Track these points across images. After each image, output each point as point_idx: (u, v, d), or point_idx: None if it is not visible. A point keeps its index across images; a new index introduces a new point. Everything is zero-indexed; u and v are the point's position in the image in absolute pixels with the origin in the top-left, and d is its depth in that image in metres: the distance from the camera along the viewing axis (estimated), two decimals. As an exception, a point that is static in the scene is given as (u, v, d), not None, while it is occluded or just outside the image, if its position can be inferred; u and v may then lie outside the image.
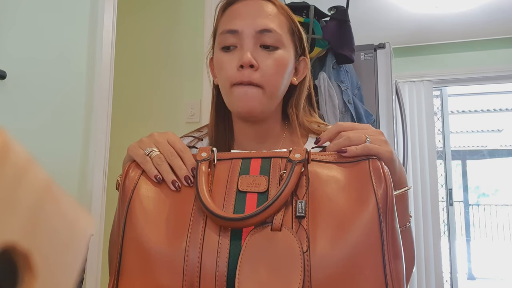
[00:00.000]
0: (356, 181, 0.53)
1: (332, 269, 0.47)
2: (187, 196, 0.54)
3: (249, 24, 0.72)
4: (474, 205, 7.11)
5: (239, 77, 0.71)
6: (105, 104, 1.50)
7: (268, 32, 0.72)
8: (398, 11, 3.07)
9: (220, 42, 0.75)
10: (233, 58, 0.72)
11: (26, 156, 0.20)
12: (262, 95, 0.72)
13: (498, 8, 3.02)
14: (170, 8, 2.15)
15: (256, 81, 0.71)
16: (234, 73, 0.71)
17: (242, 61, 0.70)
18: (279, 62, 0.73)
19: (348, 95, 2.01)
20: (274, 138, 0.79)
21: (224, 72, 0.73)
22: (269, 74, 0.72)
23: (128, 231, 0.53)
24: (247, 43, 0.72)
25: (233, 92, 0.72)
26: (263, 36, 0.72)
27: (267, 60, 0.72)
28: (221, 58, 0.74)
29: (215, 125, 0.81)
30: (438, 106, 3.88)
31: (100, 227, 1.46)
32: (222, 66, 0.73)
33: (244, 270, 0.46)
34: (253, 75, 0.71)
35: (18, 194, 0.19)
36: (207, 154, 0.57)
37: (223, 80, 0.74)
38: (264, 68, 0.71)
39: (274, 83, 0.73)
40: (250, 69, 0.71)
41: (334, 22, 2.00)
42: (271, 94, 0.73)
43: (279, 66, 0.73)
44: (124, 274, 0.51)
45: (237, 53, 0.72)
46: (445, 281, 3.61)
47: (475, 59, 3.55)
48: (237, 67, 0.71)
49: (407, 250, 0.65)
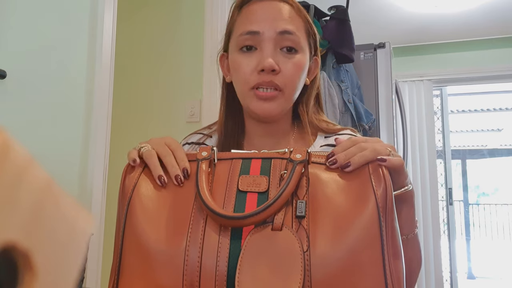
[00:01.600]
0: (356, 182, 0.53)
1: (332, 268, 0.47)
2: (187, 196, 0.54)
3: (270, 25, 0.72)
4: (474, 205, 7.12)
5: (259, 79, 0.71)
6: (105, 104, 1.50)
7: (289, 34, 0.73)
8: (398, 10, 3.07)
9: (238, 43, 0.74)
10: (252, 60, 0.72)
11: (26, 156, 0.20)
12: (281, 98, 0.72)
13: (498, 8, 3.02)
14: (170, 8, 2.14)
15: (279, 85, 0.71)
16: (253, 75, 0.71)
17: (263, 66, 0.70)
18: (298, 66, 0.73)
19: (348, 94, 2.01)
20: (284, 135, 0.80)
21: (243, 74, 0.73)
22: (289, 78, 0.72)
23: (128, 231, 0.53)
24: (267, 46, 0.72)
25: (252, 95, 0.72)
26: (283, 38, 0.72)
27: (287, 64, 0.72)
28: (239, 59, 0.74)
29: (225, 122, 0.81)
30: (438, 106, 3.88)
31: (100, 226, 1.46)
32: (240, 68, 0.73)
33: (244, 269, 0.46)
34: (274, 78, 0.71)
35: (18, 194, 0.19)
36: (207, 154, 0.57)
37: (241, 82, 0.74)
38: (284, 72, 0.72)
39: (293, 87, 0.73)
40: (272, 73, 0.71)
41: (334, 21, 2.00)
42: (289, 97, 0.74)
43: (298, 70, 0.74)
44: (124, 273, 0.51)
45: (256, 55, 0.72)
46: (445, 280, 3.61)
47: (475, 58, 3.55)
48: (258, 71, 0.71)
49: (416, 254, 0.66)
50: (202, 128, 0.89)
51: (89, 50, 1.48)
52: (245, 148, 0.81)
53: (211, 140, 0.84)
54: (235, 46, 0.75)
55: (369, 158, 0.53)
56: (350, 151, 0.55)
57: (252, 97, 0.72)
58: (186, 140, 0.87)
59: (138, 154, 0.58)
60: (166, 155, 0.57)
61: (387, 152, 0.55)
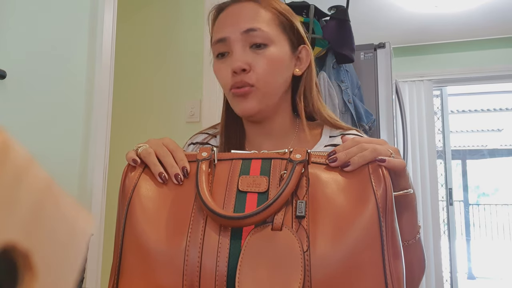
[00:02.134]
0: (356, 182, 0.53)
1: (332, 268, 0.47)
2: (187, 196, 0.54)
3: (233, 28, 0.74)
4: (474, 205, 7.12)
5: (233, 80, 0.73)
6: (105, 104, 1.50)
7: (253, 31, 0.74)
8: (398, 10, 3.07)
9: (214, 52, 0.78)
10: (227, 65, 0.75)
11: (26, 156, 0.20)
12: (257, 94, 0.73)
13: (498, 8, 3.02)
14: (170, 8, 2.14)
15: (250, 82, 0.73)
16: (229, 78, 0.74)
17: (233, 68, 0.73)
18: (272, 59, 0.74)
19: (348, 94, 2.01)
20: (285, 133, 0.80)
21: (221, 79, 0.76)
22: (263, 73, 0.73)
23: (128, 231, 0.53)
24: (236, 48, 0.74)
25: (231, 96, 0.75)
26: (250, 36, 0.74)
27: (259, 61, 0.73)
28: (217, 66, 0.78)
29: (225, 126, 0.83)
30: (438, 106, 3.88)
31: (100, 227, 1.46)
32: (219, 74, 0.77)
33: (244, 269, 0.46)
34: (246, 77, 0.73)
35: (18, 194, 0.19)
36: (207, 154, 0.57)
37: (222, 86, 0.77)
38: (257, 69, 0.73)
39: (268, 82, 0.74)
40: (243, 73, 0.73)
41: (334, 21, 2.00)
42: (267, 92, 0.74)
43: (272, 64, 0.74)
44: (124, 273, 0.51)
45: (230, 59, 0.75)
46: (445, 280, 3.61)
47: (475, 58, 3.55)
48: (231, 73, 0.73)
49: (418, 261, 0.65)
50: (208, 128, 0.90)
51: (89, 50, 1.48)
52: (246, 149, 0.81)
53: (216, 140, 0.85)
54: (213, 54, 0.79)
55: (369, 159, 0.53)
56: (351, 150, 0.54)
57: (231, 97, 0.76)
58: (191, 140, 0.88)
59: (136, 154, 0.58)
60: (165, 155, 0.57)
61: (387, 153, 0.54)
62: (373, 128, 2.11)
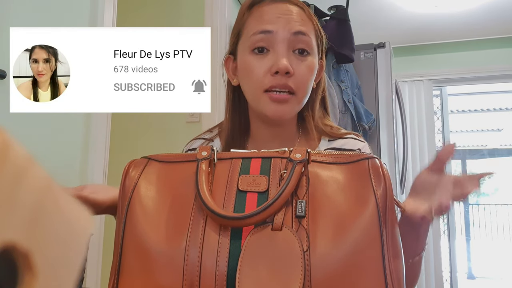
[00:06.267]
0: (356, 181, 0.53)
1: (332, 268, 0.47)
2: (187, 196, 0.54)
3: (284, 26, 0.72)
4: (474, 205, 7.12)
5: (273, 81, 0.70)
6: (105, 103, 1.50)
7: (302, 35, 0.72)
8: (398, 10, 3.07)
9: (251, 44, 0.73)
10: (265, 63, 0.71)
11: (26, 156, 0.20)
12: (294, 101, 0.72)
13: (497, 8, 3.02)
14: (170, 8, 2.14)
15: (292, 87, 0.71)
16: (266, 78, 0.70)
17: (278, 67, 0.69)
18: (310, 68, 0.73)
19: (348, 94, 2.01)
20: (289, 139, 0.80)
21: (255, 76, 0.72)
22: (302, 81, 0.72)
23: (128, 231, 0.53)
24: (281, 47, 0.71)
25: (266, 98, 0.71)
26: (297, 40, 0.72)
27: (300, 67, 0.72)
28: (252, 61, 0.72)
29: (230, 125, 0.80)
30: (438, 106, 3.88)
31: (100, 226, 1.46)
32: (253, 70, 0.72)
33: (245, 269, 0.46)
34: (288, 81, 0.70)
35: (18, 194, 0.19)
36: (207, 153, 0.57)
37: (254, 85, 0.73)
38: (297, 75, 0.71)
39: (305, 90, 0.73)
40: (286, 76, 0.70)
41: (334, 21, 2.00)
42: (301, 100, 0.74)
43: (310, 73, 0.73)
44: (124, 273, 0.51)
45: (269, 57, 0.71)
46: (445, 280, 3.60)
47: (475, 58, 3.55)
48: (271, 73, 0.70)
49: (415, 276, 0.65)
50: (203, 133, 0.88)
51: (89, 50, 1.47)
52: (250, 149, 0.80)
53: (213, 144, 0.83)
54: (247, 47, 0.74)
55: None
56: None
57: (265, 100, 0.71)
58: (188, 147, 0.86)
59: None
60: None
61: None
62: (373, 128, 2.11)
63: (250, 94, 0.75)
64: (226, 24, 2.00)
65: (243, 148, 0.80)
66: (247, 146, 0.81)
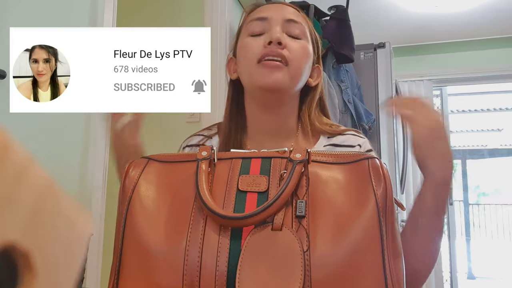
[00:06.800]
0: (356, 181, 0.53)
1: (332, 268, 0.47)
2: (187, 196, 0.54)
3: (278, 13, 0.77)
4: (474, 205, 7.11)
5: (267, 50, 0.73)
6: (105, 103, 1.50)
7: (295, 23, 0.77)
8: (398, 10, 3.07)
9: (247, 30, 0.78)
10: (260, 40, 0.76)
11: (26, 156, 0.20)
12: (287, 72, 0.74)
13: (498, 8, 3.02)
14: (170, 8, 2.14)
15: (285, 55, 0.73)
16: (261, 49, 0.74)
17: (271, 37, 0.74)
18: (304, 49, 0.77)
19: (348, 94, 2.01)
20: (287, 134, 0.81)
21: (251, 51, 0.76)
22: (295, 54, 0.75)
23: (128, 231, 0.53)
24: (274, 27, 0.76)
25: (260, 67, 0.74)
26: (290, 26, 0.77)
27: (293, 43, 0.76)
28: (248, 41, 0.77)
29: (229, 121, 0.82)
30: (438, 106, 3.88)
31: (100, 227, 1.46)
32: (249, 47, 0.76)
33: (245, 269, 0.46)
34: (281, 51, 0.74)
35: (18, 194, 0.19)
36: (207, 153, 0.57)
37: (248, 59, 0.76)
38: (289, 48, 0.75)
39: (298, 64, 0.76)
40: (278, 46, 0.73)
41: (334, 21, 2.00)
42: (295, 73, 0.75)
43: (304, 52, 0.77)
44: (124, 273, 0.51)
45: (265, 35, 0.76)
46: (445, 280, 3.61)
47: (475, 58, 3.55)
48: (265, 44, 0.74)
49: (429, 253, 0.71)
50: (202, 130, 0.89)
51: (89, 50, 1.47)
52: (248, 146, 0.81)
53: (211, 141, 0.84)
54: (244, 33, 0.79)
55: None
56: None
57: (259, 70, 0.74)
58: (187, 143, 0.87)
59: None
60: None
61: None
62: (373, 128, 2.11)
63: (245, 71, 0.78)
64: (226, 24, 2.00)
65: (241, 143, 0.80)
66: (245, 141, 0.81)
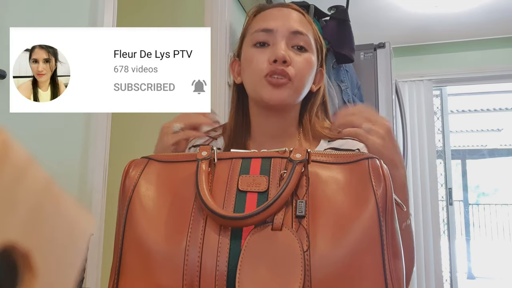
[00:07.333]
0: (356, 181, 0.53)
1: (332, 268, 0.47)
2: (187, 195, 0.54)
3: (283, 25, 0.78)
4: (474, 205, 7.12)
5: (273, 67, 0.75)
6: (105, 103, 1.49)
7: (301, 35, 0.78)
8: (398, 10, 3.07)
9: (252, 39, 0.79)
10: (265, 54, 0.77)
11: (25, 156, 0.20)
12: (291, 88, 0.76)
13: (498, 8, 3.02)
14: (170, 8, 2.14)
15: (289, 74, 0.75)
16: (266, 65, 0.76)
17: (277, 56, 0.74)
18: (308, 62, 0.78)
19: (348, 94, 2.01)
20: (289, 138, 0.82)
21: (255, 64, 0.77)
22: (299, 70, 0.76)
23: (128, 231, 0.53)
24: (280, 42, 0.77)
25: (265, 83, 0.76)
26: (296, 38, 0.78)
27: (298, 58, 0.77)
28: (253, 53, 0.78)
29: (234, 123, 0.84)
30: (438, 106, 3.88)
31: (100, 227, 1.46)
32: (253, 60, 0.78)
33: (245, 269, 0.46)
34: (286, 69, 0.75)
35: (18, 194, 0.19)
36: (207, 153, 0.57)
37: (253, 72, 0.78)
38: (294, 65, 0.76)
39: (302, 79, 0.77)
40: (284, 64, 0.75)
41: (334, 21, 2.00)
42: (298, 88, 0.78)
43: (307, 65, 0.78)
44: (124, 273, 0.51)
45: (269, 49, 0.77)
46: (445, 280, 3.60)
47: (475, 58, 3.55)
48: (270, 61, 0.75)
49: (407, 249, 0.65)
50: (207, 131, 0.90)
51: (89, 50, 1.47)
52: (251, 148, 0.81)
53: (217, 142, 0.86)
54: (249, 43, 0.80)
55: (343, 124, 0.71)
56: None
57: (264, 85, 0.76)
58: (193, 143, 0.88)
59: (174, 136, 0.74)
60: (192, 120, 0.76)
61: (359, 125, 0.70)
62: (373, 128, 2.10)
63: (250, 83, 0.80)
64: (226, 24, 2.00)
65: (244, 146, 0.82)
66: (248, 143, 0.83)
